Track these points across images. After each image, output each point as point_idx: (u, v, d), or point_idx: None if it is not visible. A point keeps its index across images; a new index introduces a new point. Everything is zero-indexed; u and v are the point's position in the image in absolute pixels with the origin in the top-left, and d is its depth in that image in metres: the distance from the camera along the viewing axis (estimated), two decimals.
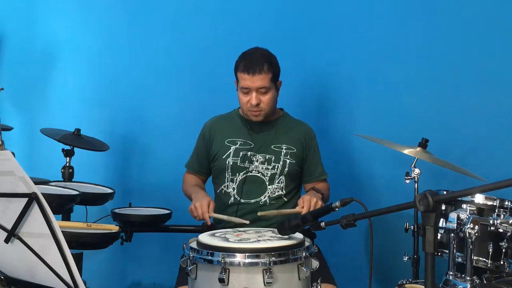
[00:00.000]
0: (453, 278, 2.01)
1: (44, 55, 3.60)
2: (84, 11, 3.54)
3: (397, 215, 1.77)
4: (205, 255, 1.65)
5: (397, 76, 2.94)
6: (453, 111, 2.84)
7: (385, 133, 2.69)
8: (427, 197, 1.25)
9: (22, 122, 3.61)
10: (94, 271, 3.17)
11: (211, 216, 2.15)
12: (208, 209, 2.14)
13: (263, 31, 3.11)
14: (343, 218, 1.56)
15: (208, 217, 2.14)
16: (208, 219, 2.15)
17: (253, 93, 2.29)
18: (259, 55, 2.32)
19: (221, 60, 3.07)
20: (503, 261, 2.06)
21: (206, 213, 2.13)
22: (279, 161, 2.37)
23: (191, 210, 2.17)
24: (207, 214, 2.13)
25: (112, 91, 3.46)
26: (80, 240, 2.05)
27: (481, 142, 2.78)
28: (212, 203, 2.18)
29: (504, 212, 2.07)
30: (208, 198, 2.23)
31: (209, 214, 2.14)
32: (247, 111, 2.36)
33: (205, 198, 2.21)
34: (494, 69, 2.78)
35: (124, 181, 3.36)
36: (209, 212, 2.14)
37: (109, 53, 3.48)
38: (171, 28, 3.36)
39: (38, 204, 1.33)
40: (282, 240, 1.74)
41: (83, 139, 2.89)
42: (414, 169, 2.35)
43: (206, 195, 2.28)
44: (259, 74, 2.26)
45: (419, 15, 2.92)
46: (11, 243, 1.41)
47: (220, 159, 2.40)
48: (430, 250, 1.29)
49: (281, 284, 1.63)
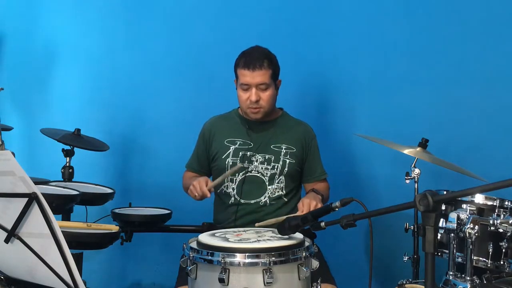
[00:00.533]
0: (453, 278, 2.01)
1: (44, 55, 3.61)
2: (84, 11, 3.54)
3: (397, 215, 1.77)
4: (205, 255, 1.65)
5: (397, 76, 2.94)
6: (453, 111, 2.84)
7: (385, 133, 2.69)
8: (427, 197, 1.25)
9: (22, 122, 3.61)
10: (94, 271, 3.17)
11: (209, 189, 2.15)
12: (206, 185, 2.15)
13: (263, 30, 3.11)
14: (343, 218, 1.56)
15: (206, 190, 2.14)
16: (207, 192, 2.14)
17: (253, 89, 2.30)
18: (259, 52, 2.33)
19: (221, 60, 3.07)
20: (503, 261, 2.06)
21: (204, 187, 2.13)
22: (278, 161, 2.37)
23: (191, 190, 2.18)
24: (205, 188, 2.13)
25: (112, 91, 3.46)
26: (80, 240, 2.05)
27: (481, 142, 2.78)
28: (209, 181, 2.20)
29: (504, 212, 2.07)
30: (205, 177, 2.25)
31: (207, 187, 2.14)
32: (247, 108, 2.36)
33: (202, 177, 2.24)
34: (494, 69, 2.78)
35: (124, 181, 3.36)
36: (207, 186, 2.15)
37: (109, 53, 3.48)
38: (171, 28, 3.36)
39: (38, 204, 1.33)
40: (282, 240, 1.73)
41: (83, 139, 2.89)
42: (414, 169, 2.35)
43: (203, 176, 2.29)
44: (259, 70, 2.27)
45: (419, 15, 2.92)
46: (11, 243, 1.41)
47: (220, 159, 2.40)
48: (430, 250, 1.28)
49: (281, 284, 1.62)
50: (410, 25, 2.93)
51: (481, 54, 2.80)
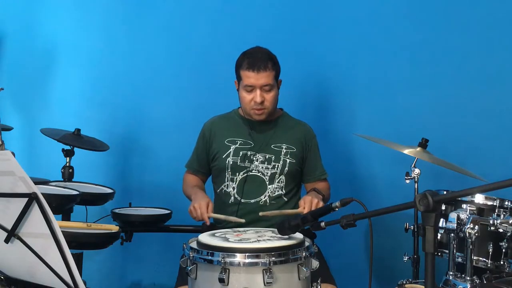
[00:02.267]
0: (453, 278, 2.01)
1: (44, 55, 3.60)
2: (84, 11, 3.54)
3: (397, 215, 1.77)
4: (205, 255, 1.65)
5: (397, 76, 2.95)
6: (453, 111, 2.84)
7: (385, 133, 2.69)
8: (427, 197, 1.25)
9: (22, 122, 3.61)
10: (94, 271, 3.18)
11: (210, 217, 2.16)
12: (207, 209, 2.15)
13: (263, 30, 3.11)
14: (343, 218, 1.56)
15: (207, 217, 2.14)
16: (207, 219, 2.15)
17: (258, 90, 2.30)
18: (262, 53, 2.33)
19: (221, 60, 3.07)
20: (503, 261, 2.06)
21: (205, 214, 2.14)
22: (279, 161, 2.37)
23: (191, 211, 2.18)
24: (206, 215, 2.14)
25: (112, 91, 3.46)
26: (80, 240, 2.04)
27: (481, 142, 2.78)
28: (211, 203, 2.19)
29: (504, 212, 2.07)
30: (207, 199, 2.23)
31: (208, 215, 2.15)
32: (250, 109, 2.36)
33: (204, 199, 2.22)
34: (494, 69, 2.78)
35: (124, 181, 3.36)
36: (208, 213, 2.15)
37: (109, 53, 3.48)
38: (171, 28, 3.36)
39: (38, 204, 1.33)
40: (282, 240, 1.74)
41: (83, 139, 2.89)
42: (414, 169, 2.35)
43: (205, 196, 2.28)
44: (264, 71, 2.27)
45: (419, 15, 2.92)
46: (11, 243, 1.41)
47: (220, 159, 2.40)
48: (430, 250, 1.29)
49: (281, 284, 1.63)
50: (410, 25, 2.93)
51: (481, 54, 2.80)
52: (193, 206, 2.17)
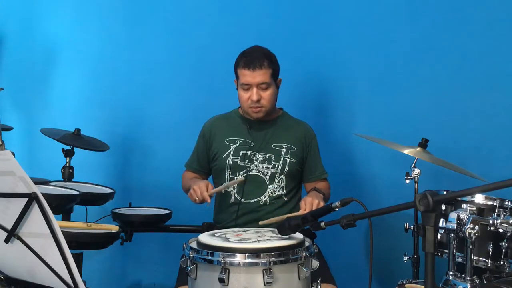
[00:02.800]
0: (453, 278, 2.01)
1: (44, 55, 3.61)
2: (84, 11, 3.55)
3: (397, 215, 1.77)
4: (205, 255, 1.65)
5: (397, 76, 2.94)
6: (453, 111, 2.83)
7: (385, 133, 2.69)
8: (427, 197, 1.25)
9: (22, 122, 3.61)
10: (94, 271, 3.17)
11: (210, 195, 2.15)
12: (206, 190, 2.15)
13: (263, 30, 3.11)
14: (343, 218, 1.56)
15: (207, 195, 2.13)
16: (208, 197, 2.14)
17: (254, 89, 2.30)
18: (259, 52, 2.34)
19: (221, 60, 3.07)
20: (503, 261, 2.06)
21: (204, 192, 2.13)
22: (279, 160, 2.37)
23: (191, 194, 2.18)
24: (206, 193, 2.13)
25: (112, 91, 3.46)
26: (80, 240, 2.05)
27: (481, 142, 2.78)
28: (210, 185, 2.19)
29: (504, 212, 2.07)
30: (206, 181, 2.25)
31: (208, 193, 2.14)
32: (248, 108, 2.36)
33: (203, 181, 2.23)
34: (494, 69, 2.78)
35: (124, 181, 3.36)
36: (208, 191, 2.14)
37: (109, 53, 3.48)
38: (170, 28, 3.36)
39: (38, 204, 1.33)
40: (282, 240, 1.73)
41: (83, 139, 2.89)
42: (414, 169, 2.35)
43: (204, 179, 2.29)
44: (259, 70, 2.28)
45: (419, 15, 2.92)
46: (11, 243, 1.41)
47: (220, 159, 2.40)
48: (430, 250, 1.29)
49: (281, 284, 1.63)
50: (410, 25, 2.93)
51: (481, 54, 2.80)
52: (192, 188, 2.17)
